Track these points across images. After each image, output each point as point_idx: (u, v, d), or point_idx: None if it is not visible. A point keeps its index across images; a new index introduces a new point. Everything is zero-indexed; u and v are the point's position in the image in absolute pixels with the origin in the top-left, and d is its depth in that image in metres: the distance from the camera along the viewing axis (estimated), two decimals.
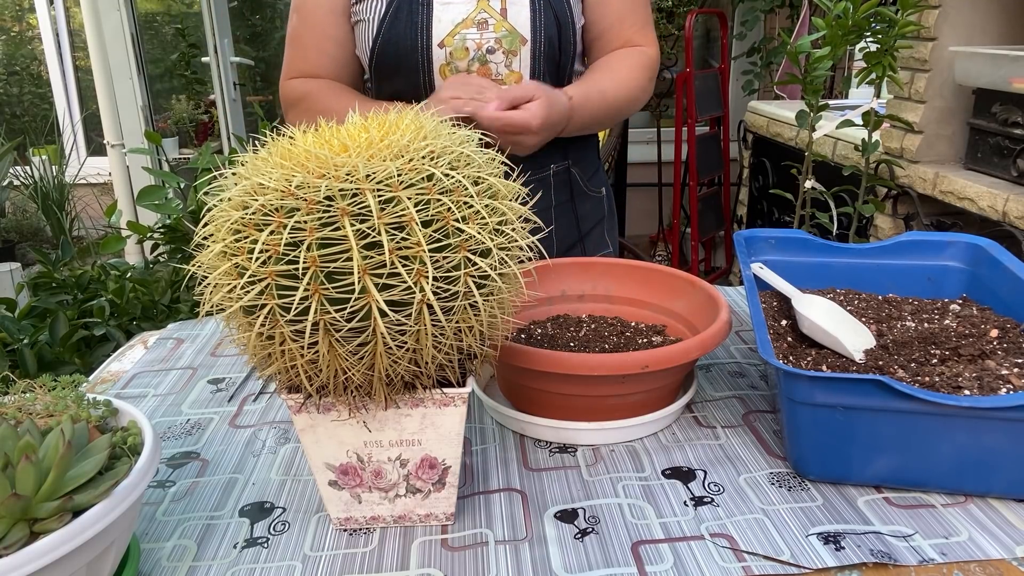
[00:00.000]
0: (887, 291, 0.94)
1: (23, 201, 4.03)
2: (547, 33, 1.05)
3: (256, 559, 0.62)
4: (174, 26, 4.11)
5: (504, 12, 1.04)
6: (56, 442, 0.51)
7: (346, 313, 0.51)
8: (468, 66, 1.04)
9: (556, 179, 1.16)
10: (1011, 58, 1.61)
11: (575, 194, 1.19)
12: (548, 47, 1.06)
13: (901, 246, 0.95)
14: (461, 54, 1.04)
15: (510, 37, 1.04)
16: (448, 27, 1.03)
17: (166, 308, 1.63)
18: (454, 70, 1.05)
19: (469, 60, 1.04)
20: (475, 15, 1.03)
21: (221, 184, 0.56)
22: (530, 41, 1.05)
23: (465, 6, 1.04)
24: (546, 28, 1.05)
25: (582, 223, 1.22)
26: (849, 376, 0.62)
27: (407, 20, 1.03)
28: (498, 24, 1.04)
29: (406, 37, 1.03)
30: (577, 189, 1.19)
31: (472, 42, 1.03)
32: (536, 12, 1.05)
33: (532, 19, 1.05)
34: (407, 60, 1.04)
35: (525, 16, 1.05)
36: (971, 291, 0.92)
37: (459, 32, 1.03)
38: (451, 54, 1.04)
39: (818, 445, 0.67)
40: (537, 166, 1.11)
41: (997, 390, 0.67)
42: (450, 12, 1.04)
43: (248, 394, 0.90)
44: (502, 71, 1.05)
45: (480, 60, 1.04)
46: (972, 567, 0.59)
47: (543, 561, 0.61)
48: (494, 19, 1.04)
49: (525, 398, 0.80)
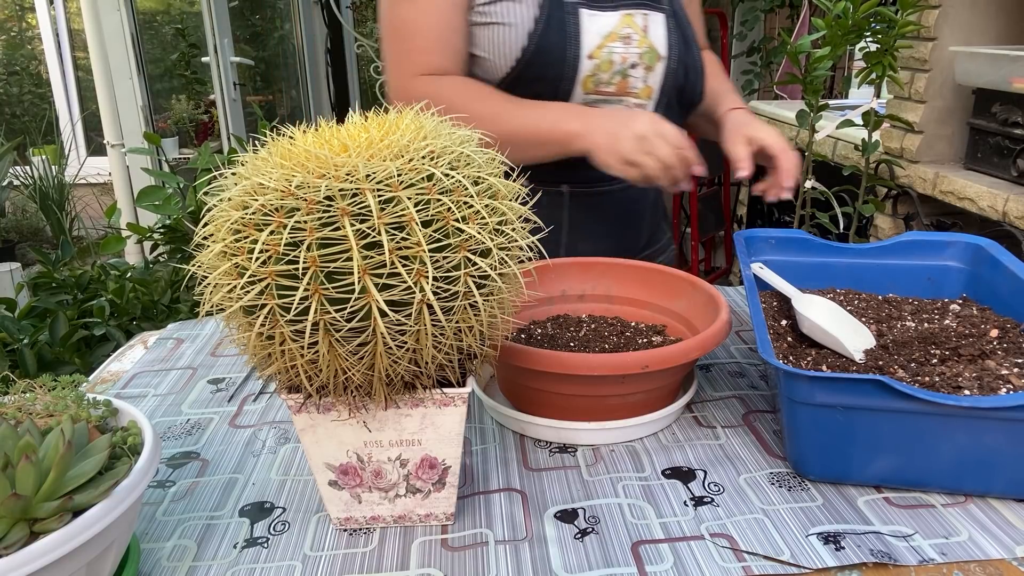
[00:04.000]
0: (887, 291, 0.94)
1: (23, 201, 4.03)
2: (679, 51, 1.07)
3: (256, 559, 0.62)
4: (174, 26, 4.11)
5: (646, 29, 1.05)
6: (56, 442, 0.51)
7: (346, 313, 0.51)
8: (610, 79, 1.04)
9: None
10: (1011, 58, 1.61)
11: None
12: (678, 64, 1.08)
13: (901, 246, 0.95)
14: (606, 67, 1.03)
15: (650, 53, 1.05)
16: (596, 39, 1.02)
17: (166, 308, 1.63)
18: (596, 82, 1.04)
19: (612, 73, 1.04)
20: (620, 29, 1.03)
21: (221, 184, 0.56)
22: (665, 58, 1.06)
23: (610, 18, 1.03)
24: (677, 47, 1.07)
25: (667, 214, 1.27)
26: (849, 376, 0.62)
27: (559, 29, 1.01)
28: (640, 40, 1.04)
29: (557, 47, 1.01)
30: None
31: (618, 55, 1.03)
32: (669, 31, 1.07)
33: (667, 37, 1.06)
34: (553, 69, 1.02)
35: (661, 34, 1.06)
36: (971, 291, 0.92)
37: (607, 45, 1.03)
38: (598, 66, 1.03)
39: (818, 445, 0.67)
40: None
41: (997, 390, 0.67)
42: (596, 23, 1.03)
43: (248, 394, 0.90)
44: (638, 86, 1.06)
45: (622, 73, 1.04)
46: (972, 567, 0.59)
47: (543, 561, 0.61)
48: (637, 35, 1.04)
49: (525, 398, 0.80)
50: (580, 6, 1.02)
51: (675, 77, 1.09)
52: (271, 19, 4.22)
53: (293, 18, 4.03)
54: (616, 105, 1.07)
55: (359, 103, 4.14)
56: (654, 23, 1.06)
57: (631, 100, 1.07)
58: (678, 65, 1.08)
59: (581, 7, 1.02)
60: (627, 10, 1.04)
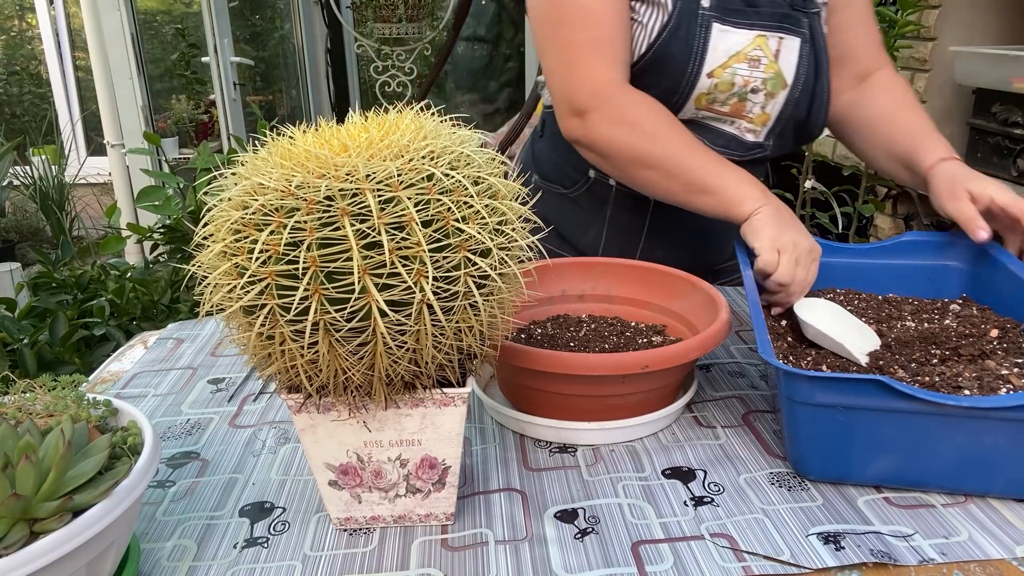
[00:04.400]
0: (887, 291, 0.94)
1: (23, 201, 4.03)
2: (806, 79, 1.01)
3: (256, 559, 0.62)
4: (174, 26, 4.11)
5: (777, 53, 0.98)
6: (56, 442, 0.51)
7: (346, 313, 0.51)
8: (726, 99, 0.98)
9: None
10: (1011, 58, 1.61)
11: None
12: (803, 94, 1.01)
13: (901, 246, 0.95)
14: (725, 87, 0.97)
15: (775, 80, 0.99)
16: (722, 58, 0.96)
17: (166, 308, 1.63)
18: (711, 101, 0.98)
19: (729, 95, 0.98)
20: (750, 50, 0.97)
21: (221, 184, 0.56)
22: (790, 87, 1.00)
23: (742, 37, 0.97)
24: (806, 75, 1.01)
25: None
26: (849, 376, 0.62)
27: (684, 41, 0.95)
28: (769, 65, 0.98)
29: (679, 58, 0.95)
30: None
31: (741, 78, 0.97)
32: (802, 58, 1.00)
33: (798, 65, 1.00)
34: (669, 81, 0.96)
35: (792, 61, 0.99)
36: (971, 291, 0.92)
37: (731, 65, 0.96)
38: (716, 86, 0.97)
39: (818, 445, 0.67)
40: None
41: (997, 390, 0.67)
42: (726, 41, 0.96)
43: (248, 394, 0.90)
44: (755, 111, 1.00)
45: (740, 96, 0.99)
46: (972, 567, 0.59)
47: (543, 561, 0.61)
48: (767, 59, 0.98)
49: (525, 398, 0.80)
50: (714, 19, 0.96)
51: (796, 107, 1.02)
52: (271, 19, 4.22)
53: (293, 18, 4.03)
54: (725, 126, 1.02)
55: (359, 103, 4.14)
56: (788, 48, 0.99)
57: (743, 124, 1.01)
58: (802, 95, 1.01)
59: (715, 20, 0.96)
60: (763, 31, 0.97)
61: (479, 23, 4.63)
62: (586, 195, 1.13)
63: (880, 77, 1.08)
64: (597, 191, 1.11)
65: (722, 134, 1.02)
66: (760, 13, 0.97)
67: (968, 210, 0.88)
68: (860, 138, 1.10)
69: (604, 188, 1.10)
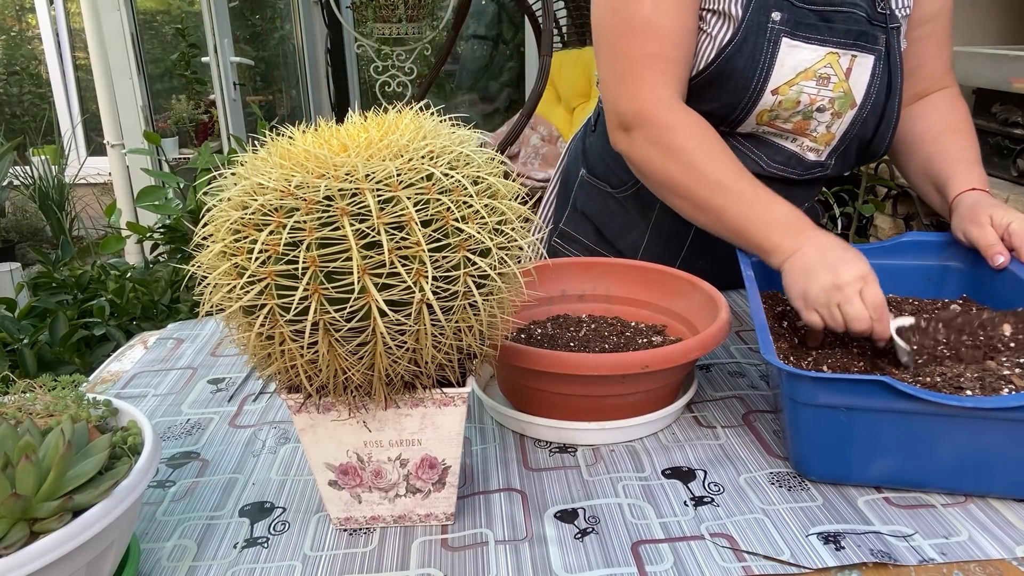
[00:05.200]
0: (887, 291, 0.94)
1: (23, 201, 4.03)
2: (876, 99, 0.97)
3: (256, 559, 0.62)
4: (174, 26, 4.10)
5: (848, 73, 0.94)
6: (56, 442, 0.51)
7: (346, 313, 0.51)
8: (790, 117, 0.95)
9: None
10: (1011, 58, 1.61)
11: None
12: (871, 114, 0.98)
13: (901, 246, 0.95)
14: (790, 105, 0.94)
15: (844, 99, 0.95)
16: (789, 74, 0.92)
17: (166, 308, 1.63)
18: (773, 117, 0.95)
19: (794, 112, 0.95)
20: (820, 67, 0.92)
21: (221, 184, 0.56)
22: (858, 107, 0.96)
23: (812, 53, 0.92)
24: (876, 94, 0.96)
25: None
26: (852, 377, 0.62)
27: (750, 56, 0.91)
28: (838, 84, 0.94)
29: (743, 74, 0.92)
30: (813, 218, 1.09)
31: (807, 96, 0.93)
32: (875, 77, 0.95)
33: (869, 84, 0.95)
34: (732, 95, 0.93)
35: (864, 80, 0.95)
36: (971, 291, 0.92)
37: (798, 83, 0.93)
38: (780, 103, 0.94)
39: (820, 446, 0.67)
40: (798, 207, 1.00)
41: (999, 390, 0.67)
42: (795, 57, 0.92)
43: (248, 394, 0.90)
44: (819, 130, 0.97)
45: (805, 115, 0.95)
46: (972, 567, 0.59)
47: (543, 561, 0.61)
48: (837, 77, 0.93)
49: (525, 398, 0.80)
50: (784, 34, 0.91)
51: (863, 127, 0.99)
52: (271, 19, 4.22)
53: (293, 18, 4.04)
54: (786, 143, 0.99)
55: (359, 103, 4.14)
56: (860, 67, 0.94)
57: (806, 142, 0.98)
58: (870, 115, 0.98)
59: (785, 35, 0.91)
60: (835, 48, 0.93)
61: (479, 23, 4.63)
62: (633, 197, 1.10)
63: (938, 97, 1.05)
64: (645, 195, 1.05)
65: (782, 151, 0.99)
66: (834, 29, 0.92)
67: (989, 235, 0.87)
68: (902, 153, 1.07)
69: (652, 194, 1.02)
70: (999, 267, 0.86)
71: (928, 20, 1.01)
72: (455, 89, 4.68)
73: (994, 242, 0.86)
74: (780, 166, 1.00)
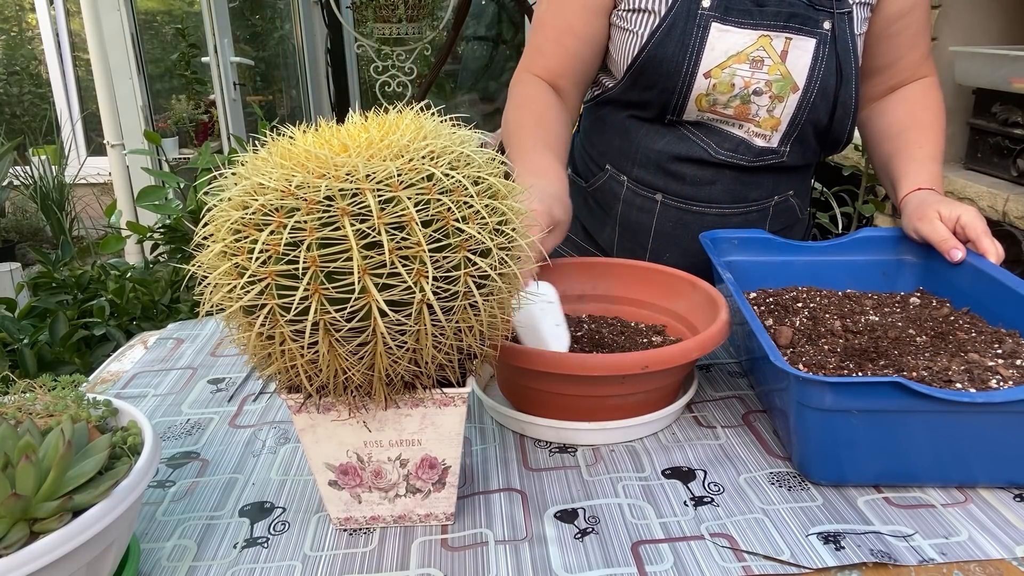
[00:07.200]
0: (846, 287, 0.95)
1: (23, 201, 4.03)
2: (823, 84, 0.97)
3: (256, 559, 0.62)
4: (174, 26, 4.10)
5: (784, 55, 0.95)
6: (56, 442, 0.51)
7: (346, 313, 0.51)
8: (728, 102, 0.97)
9: (775, 209, 1.10)
10: (1011, 58, 1.61)
11: (788, 221, 1.13)
12: (821, 99, 0.98)
13: (857, 242, 0.96)
14: (725, 88, 0.96)
15: (782, 82, 0.96)
16: (720, 57, 0.95)
17: (166, 308, 1.63)
18: (712, 103, 0.98)
19: (731, 96, 0.97)
20: (752, 51, 0.95)
21: (221, 184, 0.56)
22: (802, 90, 0.97)
23: (743, 37, 0.95)
24: (823, 79, 0.97)
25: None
26: (866, 380, 0.62)
27: (678, 40, 0.95)
28: (773, 67, 0.95)
29: (672, 59, 0.95)
30: (792, 217, 1.13)
31: (741, 79, 0.96)
32: (818, 60, 0.96)
33: (812, 67, 0.96)
34: (666, 80, 0.97)
35: (805, 63, 0.96)
36: (927, 284, 0.92)
37: (730, 65, 0.95)
38: (714, 86, 0.96)
39: (828, 449, 0.67)
40: (762, 198, 1.07)
41: (987, 381, 0.68)
42: (726, 41, 0.95)
43: (248, 394, 0.90)
44: (761, 115, 0.98)
45: (742, 99, 0.97)
46: (972, 567, 0.59)
47: (543, 561, 0.61)
48: (771, 60, 0.95)
49: (525, 398, 0.80)
50: (714, 19, 0.95)
51: (814, 112, 0.99)
52: (271, 19, 4.22)
53: (293, 18, 4.03)
54: (733, 129, 1.01)
55: (359, 103, 4.14)
56: (799, 50, 0.95)
57: (751, 127, 1.00)
58: (820, 100, 0.98)
59: (715, 20, 0.95)
60: (768, 31, 0.95)
61: (479, 23, 4.62)
62: (601, 190, 1.13)
63: (909, 89, 1.06)
64: (610, 187, 1.11)
65: (730, 137, 1.01)
66: (765, 12, 0.95)
67: (940, 230, 0.88)
68: (869, 150, 1.10)
69: (616, 184, 1.10)
70: (957, 262, 0.86)
71: (903, 15, 1.02)
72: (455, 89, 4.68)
73: (947, 237, 0.87)
74: (729, 152, 1.02)
